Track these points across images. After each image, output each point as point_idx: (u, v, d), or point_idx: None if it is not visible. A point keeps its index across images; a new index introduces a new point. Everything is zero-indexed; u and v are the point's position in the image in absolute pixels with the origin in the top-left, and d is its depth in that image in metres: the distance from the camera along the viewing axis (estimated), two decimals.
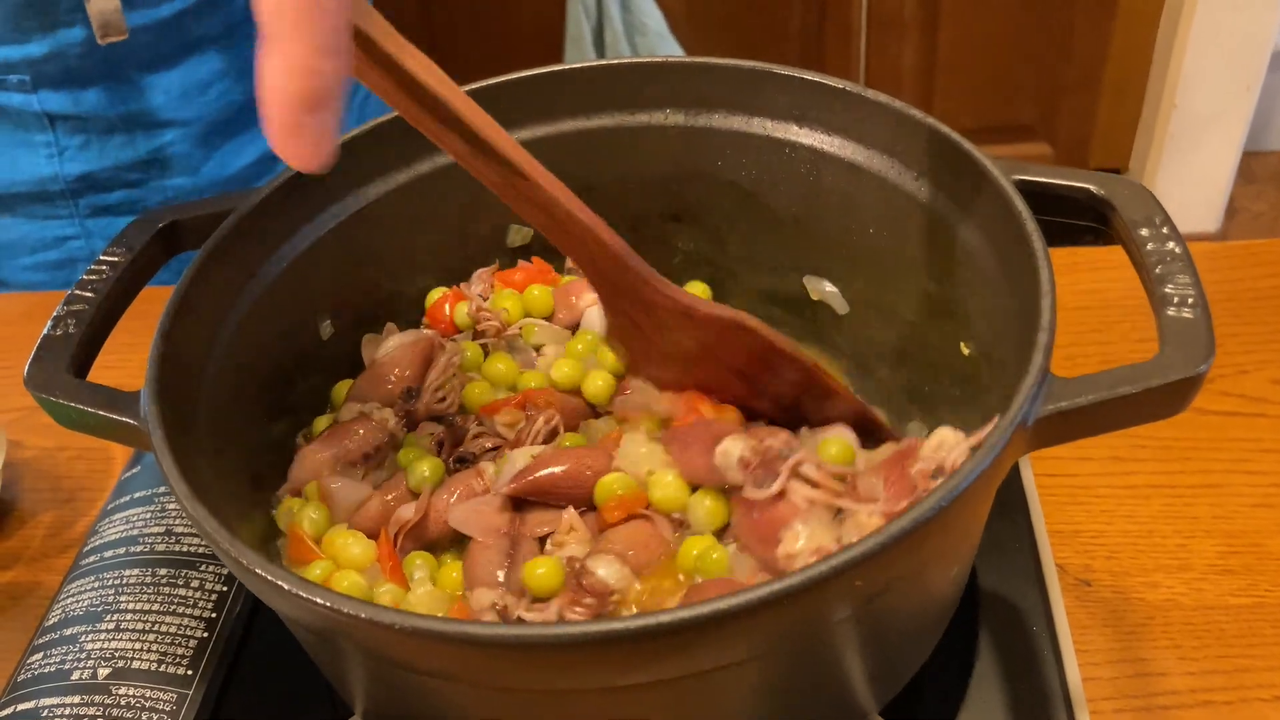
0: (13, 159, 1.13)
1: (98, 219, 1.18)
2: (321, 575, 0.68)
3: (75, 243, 1.19)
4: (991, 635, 0.72)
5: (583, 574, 0.62)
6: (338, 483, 0.71)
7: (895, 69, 2.63)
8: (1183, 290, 0.54)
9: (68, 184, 1.15)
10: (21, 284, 1.23)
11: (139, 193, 1.18)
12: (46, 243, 1.19)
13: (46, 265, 1.21)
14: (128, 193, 1.17)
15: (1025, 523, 0.78)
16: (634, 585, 0.63)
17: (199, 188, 1.19)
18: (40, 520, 0.92)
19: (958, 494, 0.46)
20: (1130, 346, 0.95)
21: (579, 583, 0.62)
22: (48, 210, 1.17)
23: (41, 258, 1.20)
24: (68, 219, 1.18)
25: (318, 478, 0.72)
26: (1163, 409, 0.52)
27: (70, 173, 1.14)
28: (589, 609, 0.61)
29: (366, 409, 0.75)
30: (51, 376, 0.62)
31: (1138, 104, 2.64)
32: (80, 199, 1.16)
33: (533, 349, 0.81)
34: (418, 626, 0.45)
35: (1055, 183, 0.63)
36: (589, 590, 0.61)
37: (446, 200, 0.80)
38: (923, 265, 0.73)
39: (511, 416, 0.73)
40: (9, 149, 1.13)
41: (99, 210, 1.18)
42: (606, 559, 0.63)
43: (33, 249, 1.20)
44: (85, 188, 1.16)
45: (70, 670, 0.74)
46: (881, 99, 0.70)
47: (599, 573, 0.62)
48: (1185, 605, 0.76)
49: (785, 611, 0.45)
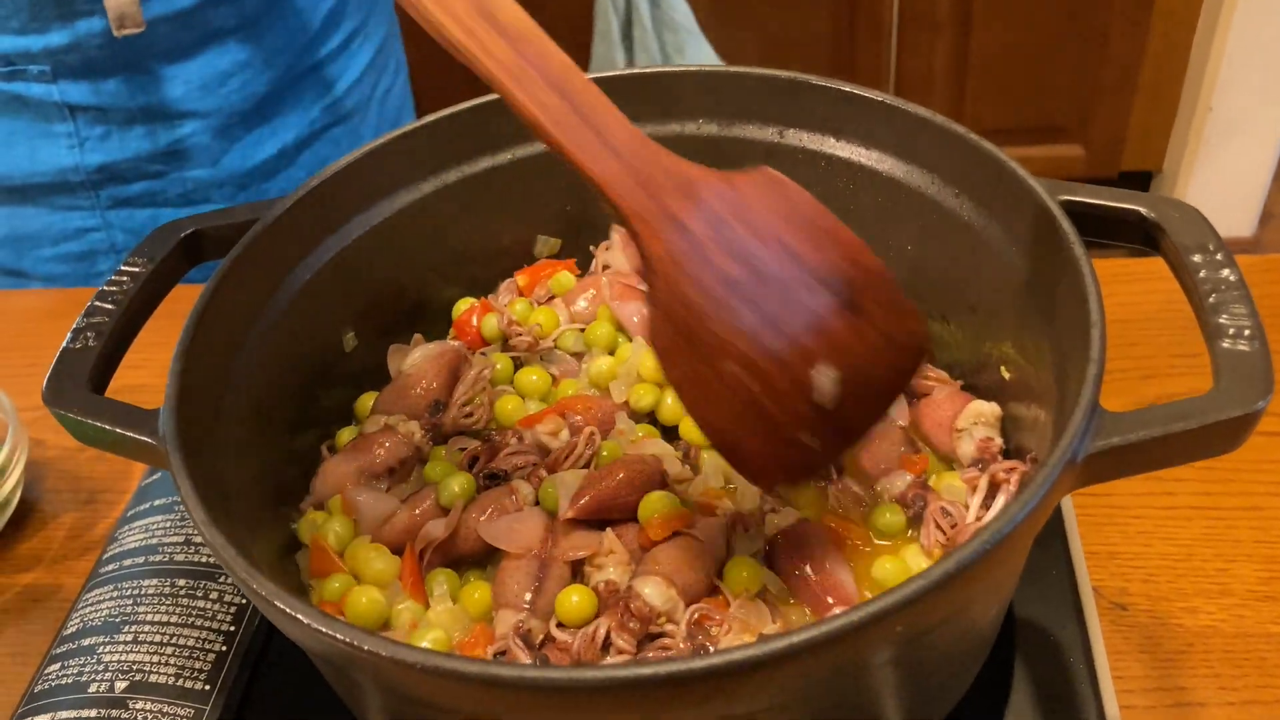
0: (33, 149, 1.13)
1: (118, 210, 1.18)
2: (340, 589, 0.66)
3: (96, 234, 1.19)
4: (1027, 665, 0.70)
5: (630, 597, 0.61)
6: (364, 495, 0.70)
7: (927, 70, 2.60)
8: (1238, 321, 0.52)
9: (88, 175, 1.15)
10: (43, 275, 1.23)
11: (159, 184, 1.18)
12: (68, 234, 1.19)
13: (68, 257, 1.21)
14: (148, 184, 1.17)
15: (1062, 548, 0.76)
16: (679, 607, 0.62)
17: (219, 179, 1.19)
18: (61, 522, 0.91)
19: (1003, 536, 0.44)
20: (1169, 362, 0.92)
21: (626, 605, 0.61)
22: (69, 201, 1.17)
23: (63, 249, 1.21)
24: (88, 210, 1.18)
25: (341, 491, 0.71)
26: (1217, 446, 0.50)
27: (91, 163, 1.14)
28: (633, 633, 0.60)
29: (392, 421, 0.74)
30: (70, 391, 0.61)
31: (1173, 106, 2.61)
32: (101, 190, 1.16)
33: (570, 356, 0.80)
34: (439, 666, 0.44)
35: (1103, 204, 0.61)
36: (635, 614, 0.60)
37: (471, 210, 0.79)
38: (961, 286, 0.71)
39: (554, 425, 0.72)
40: (30, 139, 1.13)
41: (119, 202, 1.18)
42: (653, 581, 0.62)
43: (54, 240, 1.20)
44: (106, 179, 1.16)
45: (87, 682, 0.73)
46: (923, 113, 0.68)
47: (645, 592, 0.61)
48: (1225, 632, 0.74)
49: (820, 658, 0.44)
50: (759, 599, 0.63)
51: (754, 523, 0.66)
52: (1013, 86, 2.60)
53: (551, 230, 0.84)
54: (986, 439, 0.69)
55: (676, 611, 0.62)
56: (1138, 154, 2.69)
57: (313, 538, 0.70)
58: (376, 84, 1.31)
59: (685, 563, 0.63)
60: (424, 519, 0.69)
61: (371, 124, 1.30)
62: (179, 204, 1.19)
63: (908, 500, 0.67)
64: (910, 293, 0.76)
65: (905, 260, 0.74)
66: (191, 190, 1.19)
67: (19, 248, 1.21)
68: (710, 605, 0.62)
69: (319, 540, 0.69)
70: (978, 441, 0.68)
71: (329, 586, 0.67)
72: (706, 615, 0.61)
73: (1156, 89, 2.57)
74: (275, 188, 1.23)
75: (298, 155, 1.23)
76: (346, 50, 1.24)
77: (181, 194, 1.19)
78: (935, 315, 0.75)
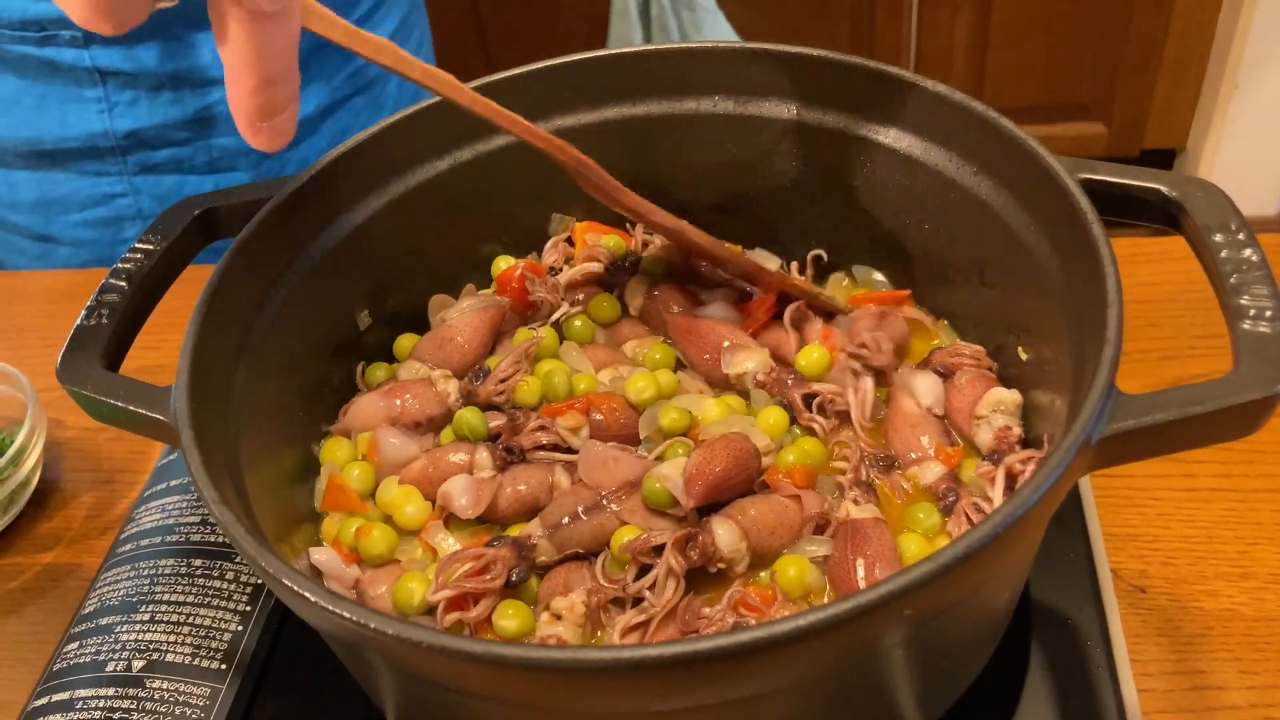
0: (64, 114, 1.14)
1: (144, 177, 1.19)
2: (353, 526, 0.68)
3: (123, 200, 1.20)
4: (1044, 648, 0.69)
5: (702, 529, 0.62)
6: (395, 439, 0.71)
7: (947, 47, 2.57)
8: (1260, 302, 0.51)
9: (117, 140, 1.16)
10: (70, 240, 1.24)
11: (186, 151, 1.18)
12: (96, 199, 1.20)
13: (95, 222, 1.22)
14: (174, 151, 1.18)
15: (1080, 530, 0.76)
16: (745, 560, 0.62)
17: (244, 148, 1.19)
18: (81, 502, 0.92)
19: (1015, 520, 0.44)
20: (1190, 343, 0.91)
21: (694, 534, 0.61)
22: (97, 167, 1.18)
23: (90, 215, 1.22)
24: (116, 176, 1.19)
25: (371, 430, 0.72)
26: (1235, 429, 0.49)
27: (120, 129, 1.15)
28: (690, 560, 0.61)
29: (435, 376, 0.74)
30: (83, 368, 0.61)
31: (1197, 84, 2.58)
32: (129, 156, 1.17)
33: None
34: (446, 646, 0.44)
35: (1123, 182, 0.60)
36: (700, 546, 0.61)
37: (486, 188, 0.79)
38: (978, 263, 0.70)
39: (574, 421, 0.71)
40: (61, 104, 1.13)
41: (146, 168, 1.18)
42: (730, 525, 0.62)
43: (82, 205, 1.21)
44: (134, 144, 1.16)
45: (105, 661, 0.73)
46: (942, 90, 0.67)
47: (718, 533, 0.62)
48: (1246, 615, 0.73)
49: (829, 641, 0.43)
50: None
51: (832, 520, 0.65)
52: (1034, 64, 2.57)
53: (567, 209, 0.84)
54: (1005, 428, 0.68)
55: (740, 563, 0.62)
56: (1161, 132, 2.66)
57: (332, 475, 0.70)
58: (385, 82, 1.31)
59: (769, 524, 0.63)
60: (442, 473, 0.69)
61: (393, 94, 1.30)
62: (204, 171, 1.20)
63: (940, 493, 0.66)
64: (927, 270, 0.76)
65: (922, 238, 0.74)
66: (217, 158, 1.20)
67: (48, 212, 1.22)
68: (760, 599, 0.61)
69: (337, 479, 0.70)
70: (996, 430, 0.68)
71: (345, 530, 0.68)
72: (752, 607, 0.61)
73: (1180, 66, 2.54)
74: (298, 156, 1.23)
75: (320, 124, 1.23)
76: (370, 20, 1.24)
77: (207, 161, 1.19)
78: (953, 294, 0.74)
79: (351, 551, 0.67)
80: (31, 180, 1.20)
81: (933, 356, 0.74)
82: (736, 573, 0.63)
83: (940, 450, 0.69)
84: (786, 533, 0.63)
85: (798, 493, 0.65)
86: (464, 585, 0.60)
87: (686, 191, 0.81)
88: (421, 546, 0.67)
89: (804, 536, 0.64)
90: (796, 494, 0.65)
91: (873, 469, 0.69)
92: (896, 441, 0.70)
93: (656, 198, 0.74)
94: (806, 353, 0.73)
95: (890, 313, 0.75)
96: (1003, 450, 0.66)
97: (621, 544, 0.61)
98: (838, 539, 0.63)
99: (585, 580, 0.62)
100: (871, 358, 0.72)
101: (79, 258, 1.25)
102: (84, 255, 1.25)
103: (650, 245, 0.83)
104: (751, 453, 0.66)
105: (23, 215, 1.23)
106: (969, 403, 0.70)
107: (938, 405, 0.71)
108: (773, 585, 0.62)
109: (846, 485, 0.67)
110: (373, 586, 0.65)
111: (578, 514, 0.64)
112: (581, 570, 0.63)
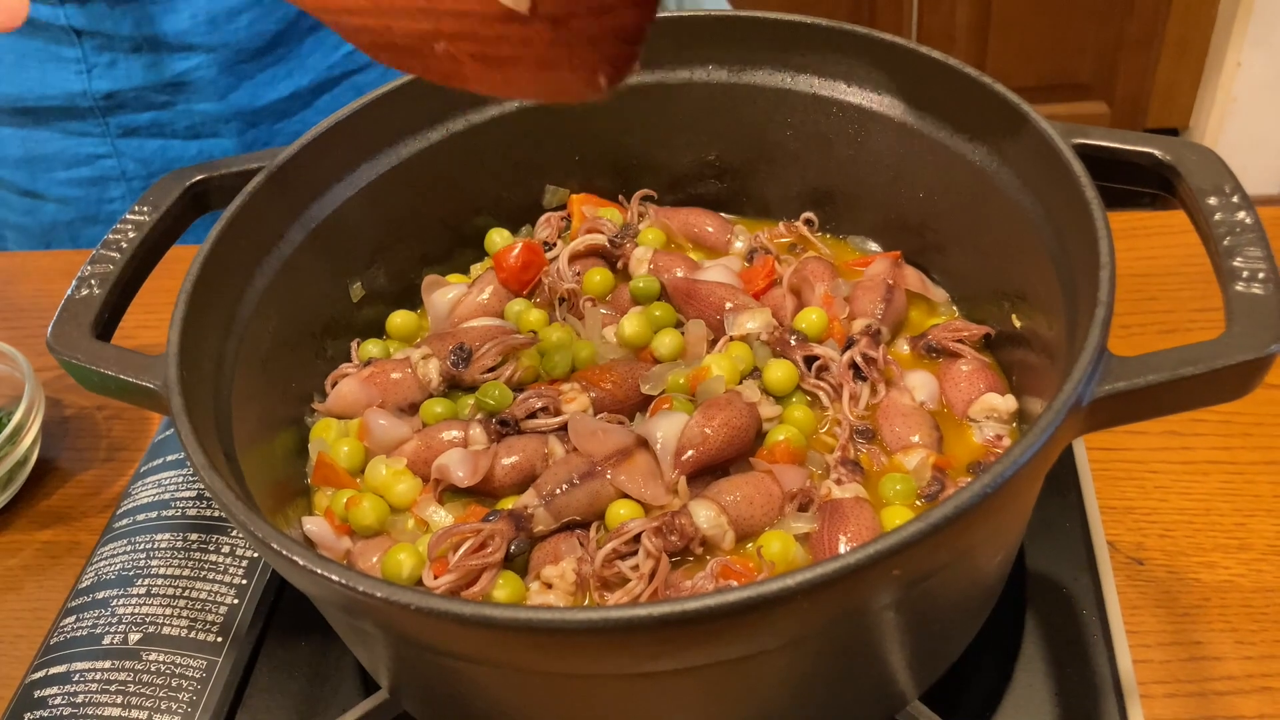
0: (44, 72, 1.14)
1: (127, 139, 1.19)
2: (344, 497, 0.68)
3: (107, 161, 1.20)
4: (1039, 618, 0.69)
5: (680, 513, 0.61)
6: (384, 420, 0.71)
7: (948, 25, 2.56)
8: (1253, 264, 0.51)
9: (96, 101, 1.16)
10: (56, 197, 1.24)
11: (166, 115, 1.18)
12: (80, 159, 1.21)
13: (81, 181, 1.22)
14: (155, 114, 1.18)
15: (1076, 499, 0.75)
16: (728, 537, 0.62)
17: (225, 115, 1.19)
18: (80, 479, 0.92)
19: (1005, 480, 0.44)
20: (1189, 316, 0.91)
21: (673, 518, 0.61)
22: (80, 127, 1.18)
23: (75, 174, 1.22)
24: (99, 137, 1.19)
25: (358, 414, 0.72)
26: (1228, 391, 0.49)
27: (98, 89, 1.15)
28: (668, 544, 0.60)
29: (415, 356, 0.73)
30: (74, 338, 0.61)
31: (1199, 62, 2.56)
32: (110, 117, 1.17)
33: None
34: (434, 608, 0.43)
35: (1116, 146, 0.60)
36: (678, 529, 0.60)
37: (479, 159, 0.78)
38: (974, 231, 0.70)
39: (579, 404, 0.70)
40: (41, 62, 1.14)
41: (128, 131, 1.19)
42: (707, 505, 0.62)
43: (66, 164, 1.21)
44: (114, 106, 1.16)
45: (101, 634, 0.73)
46: (934, 55, 0.67)
47: (697, 515, 0.61)
48: (1243, 587, 0.73)
49: (817, 601, 0.43)
50: None
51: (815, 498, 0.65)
52: (1035, 42, 2.56)
53: (562, 181, 0.84)
54: (997, 437, 0.67)
55: (724, 540, 0.62)
56: (1163, 111, 2.65)
57: (320, 453, 0.70)
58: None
59: (750, 501, 0.63)
60: (436, 451, 0.68)
61: (395, 74, 1.30)
62: (186, 136, 1.20)
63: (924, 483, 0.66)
64: (922, 237, 0.75)
65: (917, 205, 0.73)
66: (199, 124, 1.19)
67: (33, 169, 1.22)
68: (745, 568, 0.61)
69: (326, 457, 0.70)
70: (987, 439, 0.68)
71: (336, 501, 0.68)
72: (736, 574, 0.60)
73: (1183, 44, 2.53)
74: (289, 129, 1.22)
75: (315, 99, 1.23)
76: None
77: (189, 126, 1.19)
78: (947, 261, 0.73)
79: (343, 523, 0.67)
80: (16, 137, 1.20)
81: (929, 332, 0.73)
82: (723, 549, 0.63)
83: (930, 453, 0.68)
84: (769, 508, 0.63)
85: (771, 469, 0.65)
86: (467, 564, 0.60)
87: (681, 160, 0.80)
88: (413, 519, 0.67)
89: (787, 514, 0.64)
90: (769, 469, 0.65)
91: (859, 437, 0.69)
92: (886, 430, 0.69)
93: (649, 167, 0.73)
94: (805, 314, 0.73)
95: (894, 287, 0.74)
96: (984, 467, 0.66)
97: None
98: (820, 517, 0.63)
99: (576, 549, 0.62)
100: (869, 371, 0.71)
101: (65, 214, 1.25)
102: (70, 212, 1.25)
103: (644, 217, 0.83)
104: (748, 425, 0.66)
105: (9, 170, 1.24)
106: (964, 400, 0.70)
107: (931, 401, 0.71)
108: (757, 558, 0.62)
109: (832, 465, 0.66)
110: (363, 558, 0.65)
111: (573, 480, 0.64)
112: (572, 539, 0.63)
